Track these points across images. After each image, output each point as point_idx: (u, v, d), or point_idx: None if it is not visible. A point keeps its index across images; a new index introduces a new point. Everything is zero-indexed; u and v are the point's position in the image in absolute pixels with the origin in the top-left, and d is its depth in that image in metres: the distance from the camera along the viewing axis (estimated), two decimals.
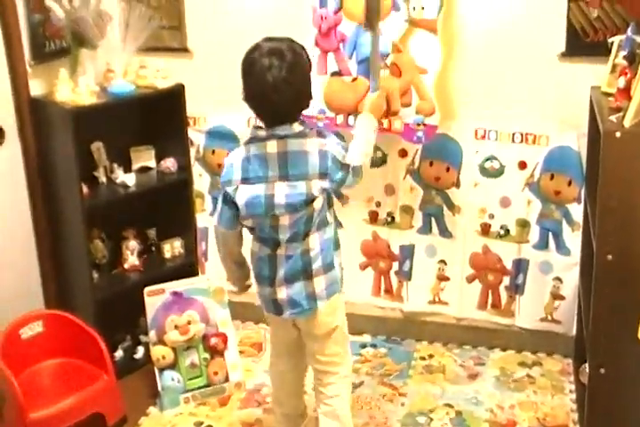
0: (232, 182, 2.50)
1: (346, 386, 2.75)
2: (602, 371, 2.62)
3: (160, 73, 3.35)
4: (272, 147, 2.45)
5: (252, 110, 2.47)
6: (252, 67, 2.38)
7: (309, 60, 2.48)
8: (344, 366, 2.73)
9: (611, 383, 2.63)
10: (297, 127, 2.46)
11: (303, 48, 2.46)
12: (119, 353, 3.47)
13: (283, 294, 2.55)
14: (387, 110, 3.13)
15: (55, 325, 3.12)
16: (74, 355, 3.12)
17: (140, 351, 3.49)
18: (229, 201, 2.53)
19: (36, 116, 3.23)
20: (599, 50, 2.92)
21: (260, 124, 2.50)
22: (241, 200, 2.49)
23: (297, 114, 2.48)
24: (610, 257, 2.49)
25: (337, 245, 2.63)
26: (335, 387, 2.71)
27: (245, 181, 2.48)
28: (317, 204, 2.47)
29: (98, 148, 3.37)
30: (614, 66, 2.75)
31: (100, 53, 3.26)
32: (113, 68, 3.27)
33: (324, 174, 2.45)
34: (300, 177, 2.44)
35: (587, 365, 2.72)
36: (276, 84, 2.34)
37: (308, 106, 2.51)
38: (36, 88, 3.25)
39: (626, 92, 2.53)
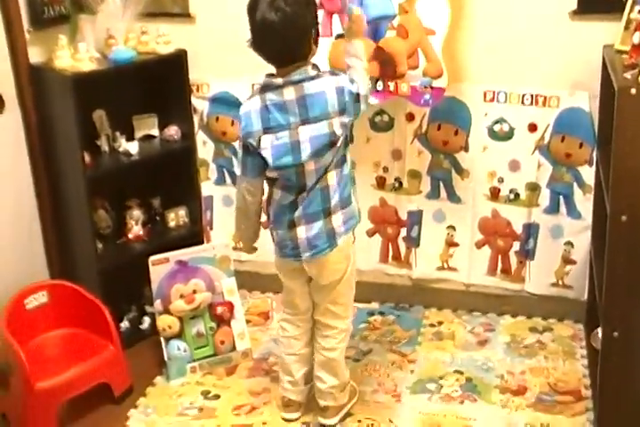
0: (253, 134, 2.49)
1: (343, 338, 2.81)
2: (615, 335, 2.57)
3: (162, 38, 3.28)
4: (289, 93, 2.45)
5: (260, 53, 2.44)
6: (258, 2, 2.36)
7: None
8: (345, 320, 2.79)
9: (624, 347, 2.58)
10: (311, 71, 2.46)
11: None
12: (125, 324, 3.44)
13: (302, 233, 2.56)
14: (393, 73, 3.07)
15: (60, 295, 3.09)
16: (79, 325, 3.09)
17: (146, 322, 3.45)
18: (252, 152, 2.52)
19: (35, 84, 3.17)
20: (612, 7, 2.83)
21: (273, 72, 2.49)
22: (266, 151, 2.48)
23: (307, 50, 2.45)
24: (624, 218, 2.43)
25: (353, 181, 2.67)
26: (333, 340, 2.78)
27: (268, 130, 2.48)
28: (338, 142, 2.49)
29: (100, 116, 3.32)
30: (629, 21, 2.66)
31: (101, 19, 3.18)
32: (114, 34, 3.20)
33: (343, 110, 2.46)
34: (321, 117, 2.45)
35: (599, 329, 2.68)
36: (284, 15, 2.33)
37: (317, 42, 2.49)
38: (35, 55, 3.18)
39: None
